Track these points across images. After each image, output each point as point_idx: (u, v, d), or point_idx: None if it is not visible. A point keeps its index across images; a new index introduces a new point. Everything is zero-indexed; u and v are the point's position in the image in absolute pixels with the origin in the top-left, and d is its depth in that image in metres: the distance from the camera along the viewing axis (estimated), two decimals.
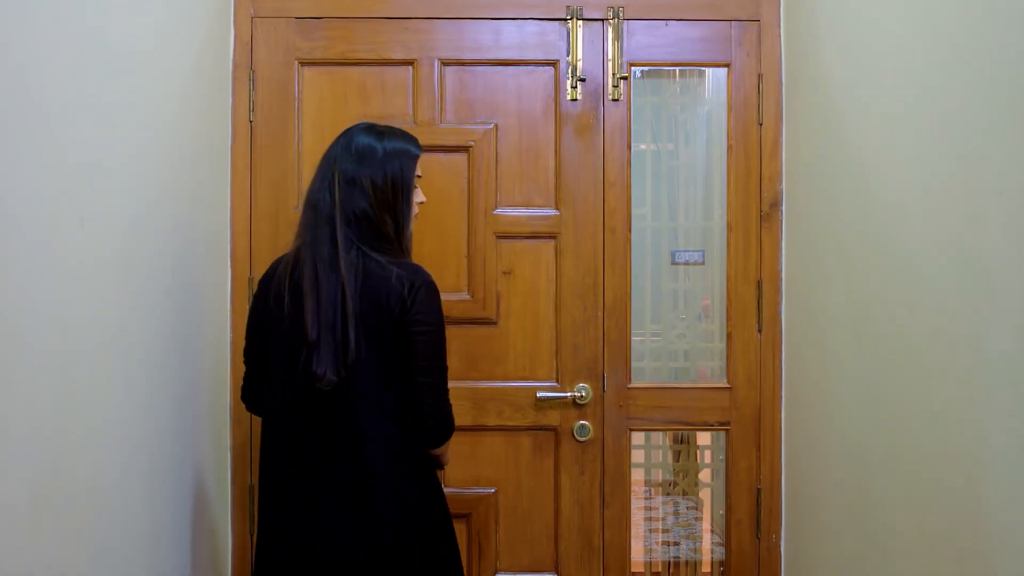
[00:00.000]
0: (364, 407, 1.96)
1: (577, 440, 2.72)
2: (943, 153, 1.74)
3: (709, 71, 3.04)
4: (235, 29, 2.68)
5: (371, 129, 2.08)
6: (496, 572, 2.73)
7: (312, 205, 2.04)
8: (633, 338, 2.76)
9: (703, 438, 3.07)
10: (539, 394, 2.70)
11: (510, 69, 2.73)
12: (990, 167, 1.57)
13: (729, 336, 2.75)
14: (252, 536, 2.68)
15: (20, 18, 1.37)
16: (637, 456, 3.00)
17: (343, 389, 1.95)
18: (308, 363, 1.95)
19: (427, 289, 2.00)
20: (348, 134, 2.09)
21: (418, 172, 2.11)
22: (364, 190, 2.01)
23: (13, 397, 1.34)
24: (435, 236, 2.70)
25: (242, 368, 2.63)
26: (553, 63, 2.73)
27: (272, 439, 2.05)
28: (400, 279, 1.97)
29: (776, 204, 2.72)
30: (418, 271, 2.02)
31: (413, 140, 2.12)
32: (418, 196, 2.13)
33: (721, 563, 2.85)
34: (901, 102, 1.93)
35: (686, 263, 2.98)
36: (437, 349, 2.01)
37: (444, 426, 2.04)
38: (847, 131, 2.23)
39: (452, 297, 2.70)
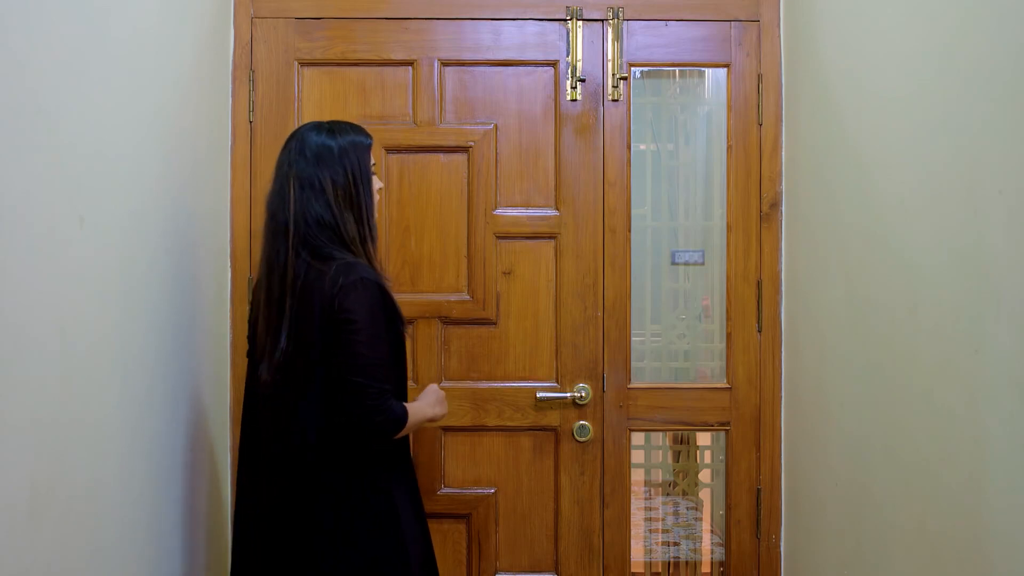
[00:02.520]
0: (292, 409, 2.00)
1: (577, 440, 2.72)
2: (943, 153, 1.74)
3: (709, 71, 3.04)
4: (235, 30, 2.68)
5: (320, 127, 2.09)
6: (496, 572, 2.73)
7: (271, 214, 2.05)
8: (633, 338, 2.77)
9: (703, 438, 3.07)
10: (539, 394, 2.70)
11: (510, 69, 2.73)
12: (990, 167, 1.57)
13: (729, 336, 2.75)
14: None
15: (20, 17, 1.37)
16: (637, 456, 3.00)
17: (278, 391, 2.00)
18: (255, 367, 2.06)
19: (358, 286, 1.95)
20: (298, 136, 2.08)
21: (372, 161, 2.11)
22: (323, 193, 2.01)
23: (13, 397, 1.34)
24: (435, 236, 2.70)
25: (242, 368, 2.64)
26: (553, 63, 2.73)
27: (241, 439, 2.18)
28: (333, 280, 1.95)
29: (776, 204, 2.72)
30: (352, 269, 1.96)
31: (363, 130, 2.12)
32: (376, 183, 2.13)
33: (721, 563, 2.85)
34: (901, 101, 1.93)
35: (686, 263, 2.98)
36: (362, 347, 1.94)
37: (376, 431, 1.97)
38: (847, 131, 2.23)
39: (452, 297, 2.70)
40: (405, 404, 2.02)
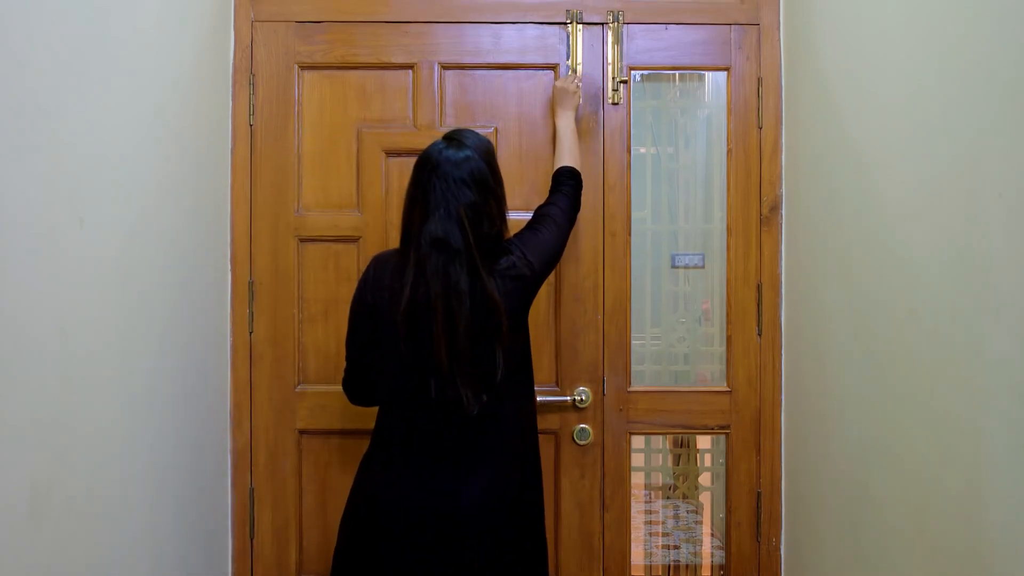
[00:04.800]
0: (486, 413, 2.07)
1: (577, 443, 2.71)
2: (943, 155, 1.74)
3: (709, 75, 3.04)
4: (235, 33, 2.69)
5: (451, 142, 2.12)
6: None
7: (440, 244, 2.03)
8: (633, 341, 2.76)
9: (703, 441, 3.07)
10: (539, 397, 2.69)
11: (510, 73, 2.74)
12: (990, 170, 1.57)
13: (729, 339, 2.75)
14: (252, 540, 2.68)
15: (20, 17, 1.37)
16: (637, 460, 3.00)
17: (486, 407, 2.08)
18: (444, 390, 2.04)
19: (521, 237, 2.20)
20: (443, 167, 2.08)
21: None
22: (488, 213, 2.09)
23: (13, 397, 1.34)
24: None
25: (244, 369, 2.63)
26: (553, 67, 2.73)
27: (393, 433, 2.14)
28: (520, 259, 2.13)
29: (776, 207, 2.72)
30: (513, 243, 2.17)
31: (488, 140, 2.20)
32: None
33: (721, 566, 2.85)
34: (901, 104, 1.93)
35: (686, 266, 2.98)
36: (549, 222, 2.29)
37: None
38: (847, 134, 2.23)
39: None
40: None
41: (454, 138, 2.14)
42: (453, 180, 2.06)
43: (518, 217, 2.70)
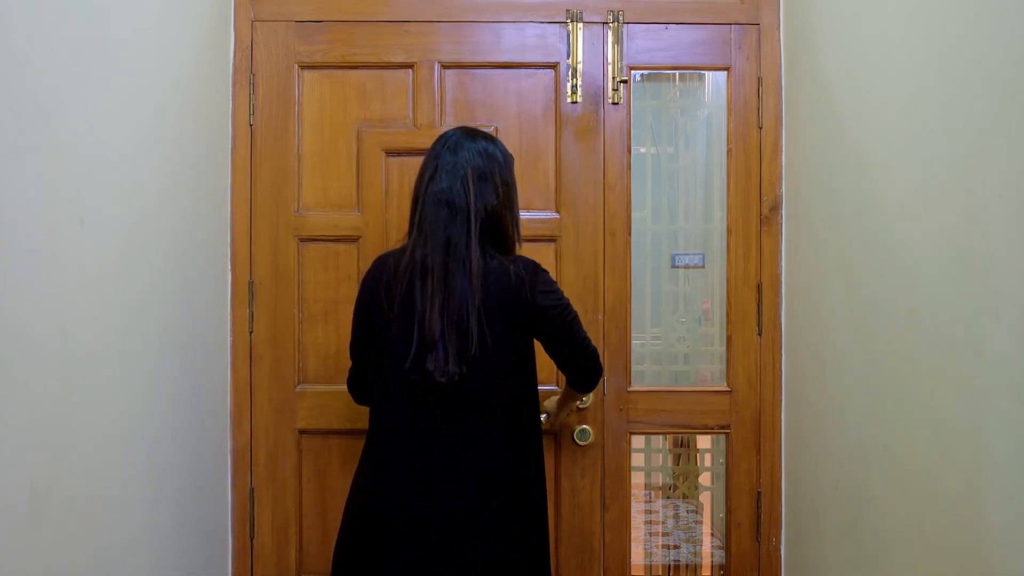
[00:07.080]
0: (479, 400, 2.07)
1: (577, 444, 2.71)
2: (943, 156, 1.74)
3: (709, 75, 3.04)
4: (235, 33, 2.69)
5: (474, 133, 2.19)
6: None
7: (446, 202, 2.08)
8: (633, 341, 2.76)
9: (703, 441, 3.08)
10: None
11: (510, 72, 2.74)
12: (990, 170, 1.57)
13: (729, 339, 2.75)
14: (252, 540, 2.68)
15: (20, 17, 1.37)
16: (637, 459, 3.00)
17: (462, 383, 2.04)
18: (423, 358, 2.03)
19: (542, 274, 2.13)
20: (457, 137, 2.16)
21: None
22: (495, 187, 2.13)
23: (13, 397, 1.34)
24: None
25: (244, 369, 2.63)
26: (553, 66, 2.73)
27: (386, 428, 2.12)
28: (519, 276, 2.09)
29: (776, 207, 2.72)
30: (527, 262, 2.14)
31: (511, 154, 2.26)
32: None
33: (721, 566, 2.85)
34: (901, 104, 1.93)
35: (686, 266, 2.98)
36: (572, 321, 2.16)
37: (597, 377, 2.27)
38: (847, 134, 2.23)
39: None
40: None
41: (480, 132, 2.21)
42: (465, 151, 2.13)
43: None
